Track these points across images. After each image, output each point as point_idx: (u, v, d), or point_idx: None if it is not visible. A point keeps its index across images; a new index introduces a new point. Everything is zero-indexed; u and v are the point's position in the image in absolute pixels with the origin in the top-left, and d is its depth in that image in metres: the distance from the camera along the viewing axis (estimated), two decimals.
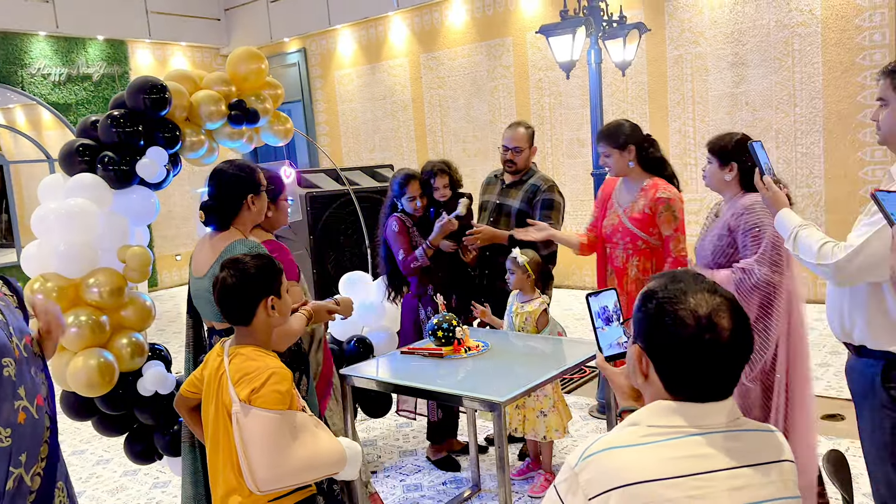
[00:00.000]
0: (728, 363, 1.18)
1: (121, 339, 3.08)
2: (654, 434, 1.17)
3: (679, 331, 1.17)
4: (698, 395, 1.19)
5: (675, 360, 1.19)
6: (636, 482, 1.12)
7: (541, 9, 7.92)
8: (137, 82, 3.18)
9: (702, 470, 1.14)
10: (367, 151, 9.74)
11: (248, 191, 2.46)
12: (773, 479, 1.19)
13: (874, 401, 1.99)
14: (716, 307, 1.17)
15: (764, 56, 6.65)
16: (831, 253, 1.93)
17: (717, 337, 1.15)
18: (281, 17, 10.10)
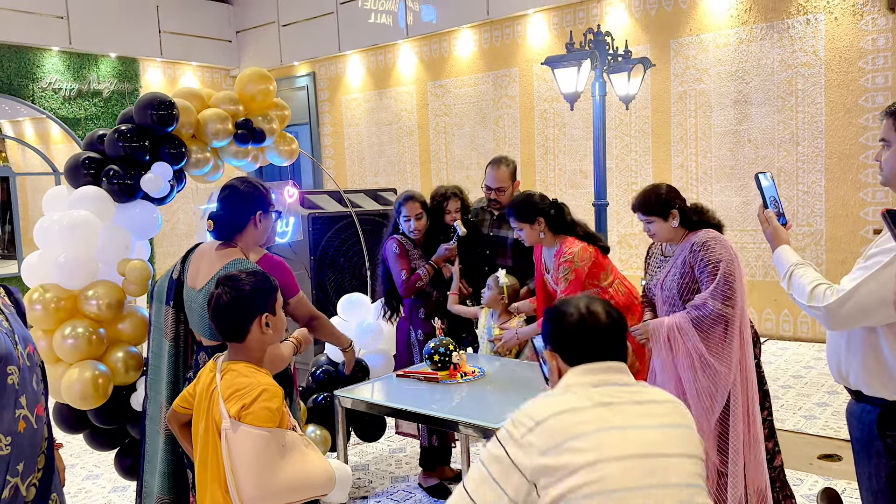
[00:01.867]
0: (610, 333, 1.61)
1: (116, 353, 3.08)
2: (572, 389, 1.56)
3: (570, 320, 1.62)
4: (597, 357, 1.59)
5: (573, 341, 1.61)
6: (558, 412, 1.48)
7: (548, 41, 8.02)
8: (146, 98, 3.22)
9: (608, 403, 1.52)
10: (372, 175, 9.80)
11: (258, 208, 2.49)
12: (671, 411, 1.56)
13: (871, 448, 1.96)
14: (589, 302, 1.64)
15: (767, 95, 6.71)
16: (823, 296, 1.92)
17: (596, 316, 1.61)
18: (291, 42, 10.22)
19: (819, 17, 6.39)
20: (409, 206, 3.64)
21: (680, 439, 1.52)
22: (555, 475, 1.42)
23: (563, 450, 1.44)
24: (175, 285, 2.61)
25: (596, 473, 1.41)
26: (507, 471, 1.46)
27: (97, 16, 9.19)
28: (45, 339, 3.00)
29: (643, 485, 1.44)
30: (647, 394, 1.58)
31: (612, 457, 1.44)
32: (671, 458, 1.49)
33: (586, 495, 1.40)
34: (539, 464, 1.44)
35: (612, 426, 1.47)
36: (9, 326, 1.82)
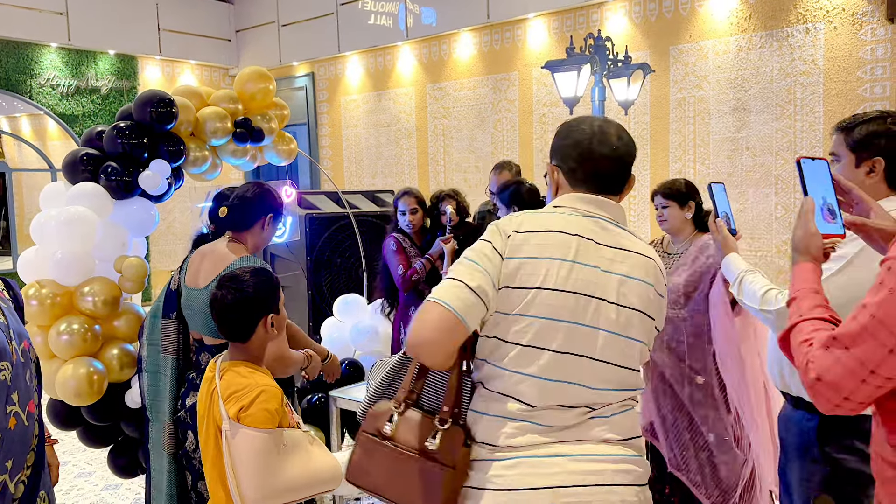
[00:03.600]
0: (613, 161, 1.58)
1: (112, 350, 3.07)
2: (560, 210, 1.59)
3: (578, 136, 1.59)
4: (594, 186, 1.59)
5: (576, 159, 1.60)
6: (539, 229, 1.53)
7: (547, 45, 8.03)
8: (145, 95, 3.21)
9: (588, 236, 1.54)
10: (370, 177, 9.79)
11: (270, 211, 2.49)
12: (640, 264, 1.56)
13: (807, 454, 1.96)
14: (604, 123, 1.60)
15: (766, 103, 6.73)
16: (774, 300, 1.93)
17: (604, 139, 1.57)
18: (291, 42, 10.21)
19: (818, 27, 6.41)
20: (405, 199, 3.81)
21: (632, 292, 1.53)
22: (511, 285, 1.50)
23: (523, 265, 1.49)
24: (175, 296, 2.59)
25: (531, 298, 1.48)
26: (491, 256, 1.52)
27: (96, 12, 9.17)
28: (41, 335, 2.99)
29: (567, 318, 1.49)
30: (627, 242, 1.58)
31: (551, 286, 1.48)
32: (611, 305, 1.51)
33: (517, 315, 1.48)
34: (508, 266, 1.50)
35: (571, 259, 1.50)
36: (4, 321, 1.80)
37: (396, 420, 1.55)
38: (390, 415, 1.57)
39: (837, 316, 1.34)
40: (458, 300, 1.45)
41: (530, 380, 1.48)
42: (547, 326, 1.48)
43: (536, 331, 1.48)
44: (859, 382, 1.15)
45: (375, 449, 1.56)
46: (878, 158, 1.87)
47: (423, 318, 1.46)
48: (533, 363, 1.48)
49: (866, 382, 1.15)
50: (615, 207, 1.61)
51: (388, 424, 1.55)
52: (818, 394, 1.21)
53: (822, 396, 1.21)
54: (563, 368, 1.48)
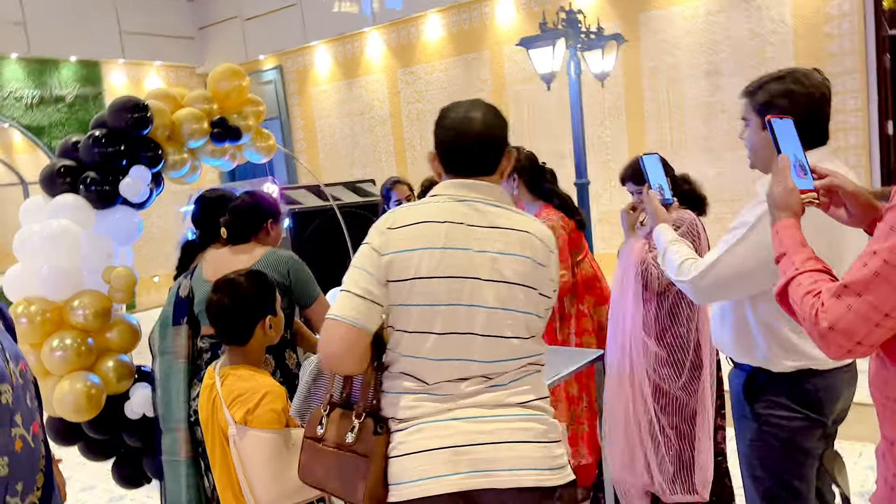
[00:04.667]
0: (479, 146, 1.66)
1: (107, 362, 3.03)
2: (435, 199, 1.67)
3: (447, 124, 1.67)
4: (464, 170, 1.67)
5: (446, 145, 1.68)
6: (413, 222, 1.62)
7: (517, 22, 7.98)
8: (119, 102, 3.14)
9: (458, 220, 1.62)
10: (347, 167, 9.72)
11: (269, 216, 2.58)
12: (518, 240, 1.63)
13: (740, 411, 2.05)
14: (471, 108, 1.68)
15: (738, 65, 6.75)
16: (688, 270, 1.98)
17: (469, 127, 1.64)
18: (256, 35, 10.07)
19: None
20: (398, 188, 3.78)
21: (508, 267, 1.61)
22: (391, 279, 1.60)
23: (397, 259, 1.59)
24: (187, 303, 2.60)
25: (408, 289, 1.58)
26: (370, 256, 1.62)
27: (55, 20, 8.96)
28: (33, 353, 2.94)
29: (445, 302, 1.58)
30: (503, 220, 1.65)
31: (424, 275, 1.57)
32: (486, 283, 1.60)
33: (401, 305, 1.59)
34: (385, 262, 1.60)
35: (441, 246, 1.59)
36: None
37: (325, 422, 1.71)
38: (320, 418, 1.72)
39: (829, 267, 1.37)
40: (351, 310, 1.59)
41: (421, 361, 1.61)
42: (427, 312, 1.59)
43: (418, 317, 1.60)
44: (873, 326, 1.19)
45: (312, 450, 1.72)
46: None
47: (325, 336, 1.61)
48: (421, 346, 1.61)
49: (880, 326, 1.19)
50: (489, 188, 1.68)
51: (320, 427, 1.71)
52: (830, 341, 1.24)
53: (835, 343, 1.24)
54: (449, 348, 1.60)
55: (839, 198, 1.50)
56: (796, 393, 1.91)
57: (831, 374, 1.92)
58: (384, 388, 1.68)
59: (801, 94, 1.88)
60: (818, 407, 1.92)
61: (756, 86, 2.01)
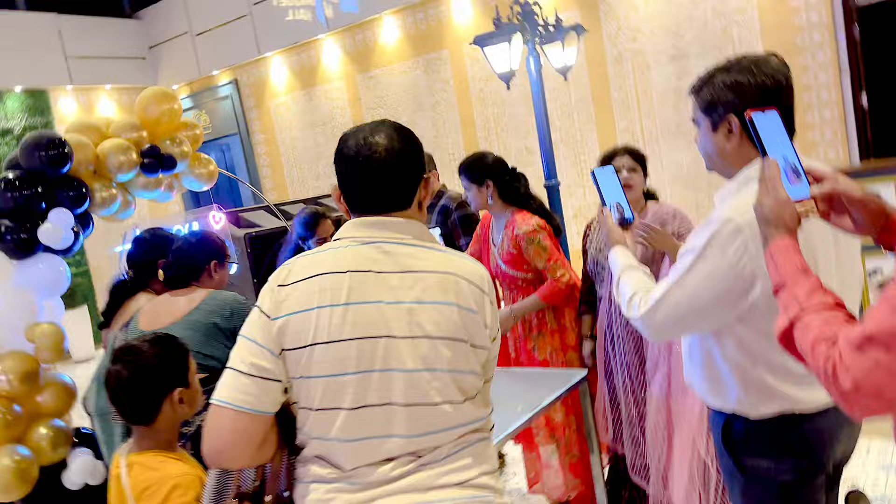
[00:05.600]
0: (385, 175, 1.37)
1: (39, 430, 2.72)
2: (338, 244, 1.39)
3: (346, 153, 1.40)
4: (368, 207, 1.39)
5: (346, 179, 1.41)
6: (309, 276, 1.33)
7: (474, 18, 7.72)
8: (32, 139, 2.84)
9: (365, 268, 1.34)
10: (313, 179, 9.41)
11: (212, 257, 2.36)
12: (437, 283, 1.34)
13: (723, 460, 1.74)
14: (371, 133, 1.39)
15: (704, 46, 6.53)
16: (638, 305, 1.67)
17: (371, 152, 1.36)
18: (208, 50, 9.73)
19: None
20: (322, 227, 3.21)
21: (429, 318, 1.32)
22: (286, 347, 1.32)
23: (290, 322, 1.31)
24: None
25: (307, 358, 1.31)
26: (259, 322, 1.34)
27: None
28: None
29: (353, 370, 1.30)
30: (419, 261, 1.36)
31: (324, 339, 1.30)
32: (403, 340, 1.31)
33: (301, 378, 1.32)
34: (277, 327, 1.33)
35: (344, 301, 1.31)
36: None
37: None
38: None
39: (840, 299, 1.11)
40: (239, 392, 1.30)
41: (333, 443, 1.33)
42: (333, 384, 1.31)
43: (323, 391, 1.32)
44: None
45: None
46: (731, 116, 1.59)
47: (211, 427, 1.31)
48: (330, 426, 1.32)
49: None
50: (403, 224, 1.40)
51: None
52: (855, 403, 0.99)
53: (860, 405, 0.99)
54: (364, 424, 1.32)
55: (842, 205, 1.22)
56: (782, 442, 1.60)
57: (822, 416, 1.58)
58: (296, 476, 1.40)
59: (752, 85, 1.58)
60: (811, 455, 1.60)
61: (701, 81, 1.70)
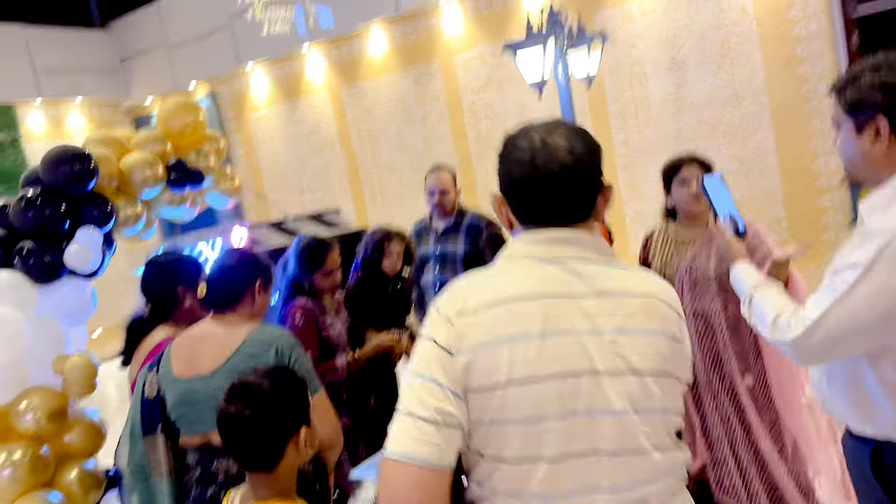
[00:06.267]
0: (568, 182, 1.19)
1: (69, 473, 2.48)
2: (513, 264, 1.21)
3: (519, 155, 1.20)
4: (549, 219, 1.21)
5: (519, 187, 1.22)
6: (491, 302, 1.15)
7: (465, 29, 7.61)
8: (54, 153, 2.60)
9: (558, 291, 1.15)
10: (297, 194, 9.15)
11: (258, 276, 2.05)
12: (639, 309, 1.17)
13: (869, 490, 1.61)
14: (548, 133, 1.21)
15: (702, 57, 6.52)
16: (788, 327, 1.55)
17: (550, 156, 1.18)
18: (184, 62, 9.43)
19: None
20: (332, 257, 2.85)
21: (635, 350, 1.15)
22: (472, 387, 1.13)
23: (477, 359, 1.13)
24: (157, 405, 2.03)
25: (499, 399, 1.12)
26: (438, 357, 1.14)
27: None
28: None
29: (556, 413, 1.12)
30: (613, 282, 1.18)
31: (521, 377, 1.11)
32: (609, 378, 1.13)
33: (489, 424, 1.13)
34: (460, 364, 1.14)
35: (539, 331, 1.13)
36: None
37: None
38: None
39: None
40: (420, 444, 1.10)
41: (531, 501, 1.14)
42: (531, 430, 1.12)
43: (520, 439, 1.13)
44: None
45: None
46: (879, 117, 1.49)
47: (387, 486, 1.11)
48: (528, 481, 1.13)
49: None
50: (587, 238, 1.22)
51: None
52: None
53: None
54: (569, 478, 1.13)
55: None
56: None
57: None
58: None
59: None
60: None
61: (846, 80, 1.57)
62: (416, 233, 3.62)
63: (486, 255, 3.42)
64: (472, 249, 3.46)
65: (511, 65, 7.48)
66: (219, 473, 1.92)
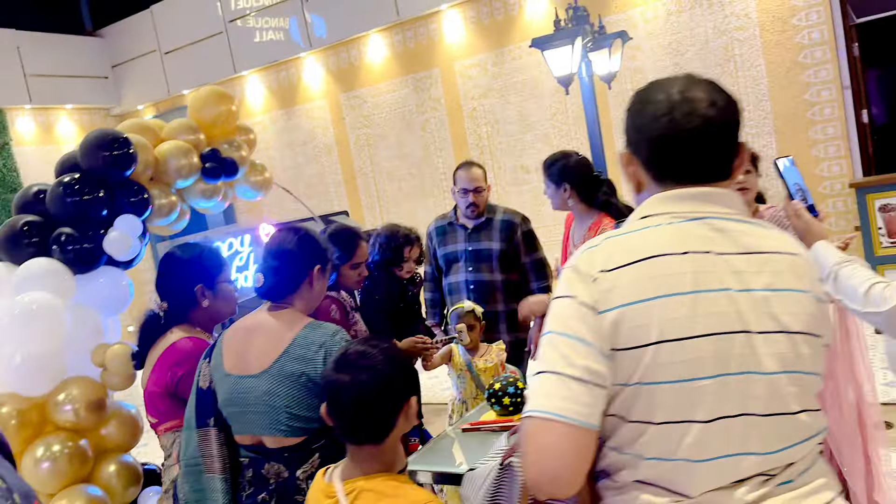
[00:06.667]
0: (709, 137, 1.15)
1: (108, 467, 2.38)
2: (652, 222, 1.16)
3: (654, 111, 1.16)
4: (688, 175, 1.17)
5: (656, 142, 1.17)
6: (639, 258, 1.10)
7: (465, 36, 7.62)
8: (94, 137, 2.53)
9: (704, 249, 1.11)
10: (292, 201, 9.04)
11: (317, 261, 1.91)
12: (786, 266, 1.14)
13: None
14: (687, 86, 1.17)
15: (705, 63, 6.58)
16: (882, 297, 1.52)
17: (691, 109, 1.14)
18: (178, 69, 9.33)
19: None
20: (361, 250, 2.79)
21: (785, 309, 1.11)
22: (617, 347, 1.08)
23: (625, 316, 1.07)
24: (210, 398, 1.94)
25: (650, 358, 1.07)
26: (581, 315, 1.09)
27: None
28: None
29: (710, 373, 1.07)
30: (757, 239, 1.14)
31: (674, 336, 1.06)
32: (760, 336, 1.09)
33: (637, 385, 1.08)
34: (606, 322, 1.08)
35: (690, 289, 1.08)
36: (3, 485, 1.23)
37: None
38: None
39: None
40: (570, 402, 1.06)
41: (678, 464, 1.09)
42: (685, 391, 1.07)
43: (671, 402, 1.08)
44: None
45: None
46: None
47: (536, 445, 1.06)
48: (677, 445, 1.08)
49: None
50: (727, 196, 1.18)
51: None
52: None
53: None
54: (720, 440, 1.09)
55: None
56: None
57: None
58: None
59: None
60: None
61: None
62: (440, 231, 3.51)
63: (520, 253, 3.36)
64: (507, 247, 3.35)
65: (512, 72, 7.54)
66: (269, 478, 1.84)
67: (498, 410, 2.61)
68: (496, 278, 3.32)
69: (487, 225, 3.39)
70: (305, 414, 1.78)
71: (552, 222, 7.86)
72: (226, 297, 2.22)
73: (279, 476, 1.80)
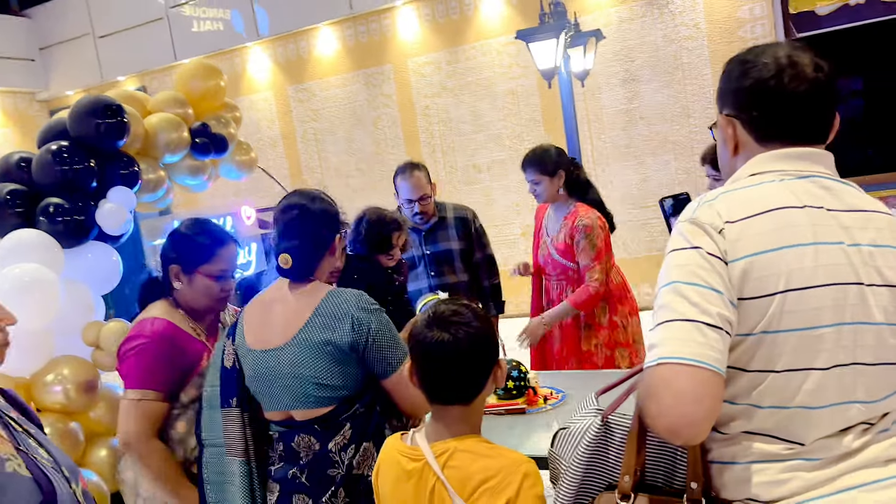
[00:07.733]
0: (815, 99, 1.20)
1: (99, 451, 2.24)
2: (765, 178, 1.20)
3: (762, 72, 1.20)
4: (794, 136, 1.21)
5: (765, 102, 1.21)
6: (762, 210, 1.14)
7: (419, 33, 7.60)
8: (85, 102, 2.39)
9: (816, 204, 1.16)
10: (233, 195, 8.79)
11: (337, 228, 1.85)
12: (886, 224, 1.19)
13: None
14: (792, 51, 1.21)
15: (654, 71, 6.79)
16: None
17: (799, 72, 1.18)
18: (113, 53, 8.93)
19: None
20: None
21: (887, 263, 1.17)
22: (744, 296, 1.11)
23: (753, 266, 1.11)
24: (235, 376, 1.84)
25: (776, 307, 1.10)
26: (710, 265, 1.11)
27: None
28: None
29: (829, 322, 1.12)
30: (858, 199, 1.20)
31: (799, 286, 1.11)
32: (869, 289, 1.14)
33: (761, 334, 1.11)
34: (734, 272, 1.12)
35: (812, 240, 1.12)
36: (50, 457, 1.25)
37: None
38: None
39: None
40: (706, 348, 1.07)
41: (794, 412, 1.13)
42: (807, 339, 1.11)
43: (794, 349, 1.11)
44: None
45: None
46: None
47: (673, 391, 1.07)
48: (795, 392, 1.12)
49: None
50: (828, 157, 1.24)
51: None
52: None
53: None
54: (834, 388, 1.13)
55: None
56: None
57: None
58: (726, 459, 1.18)
59: None
60: None
61: None
62: None
63: (475, 249, 3.27)
64: (465, 244, 3.23)
65: (466, 72, 7.57)
66: (300, 451, 1.77)
67: (501, 394, 2.60)
68: (461, 279, 3.21)
69: (442, 224, 3.22)
70: (333, 382, 1.72)
71: (502, 222, 7.93)
72: (200, 289, 2.03)
73: (310, 449, 1.74)
